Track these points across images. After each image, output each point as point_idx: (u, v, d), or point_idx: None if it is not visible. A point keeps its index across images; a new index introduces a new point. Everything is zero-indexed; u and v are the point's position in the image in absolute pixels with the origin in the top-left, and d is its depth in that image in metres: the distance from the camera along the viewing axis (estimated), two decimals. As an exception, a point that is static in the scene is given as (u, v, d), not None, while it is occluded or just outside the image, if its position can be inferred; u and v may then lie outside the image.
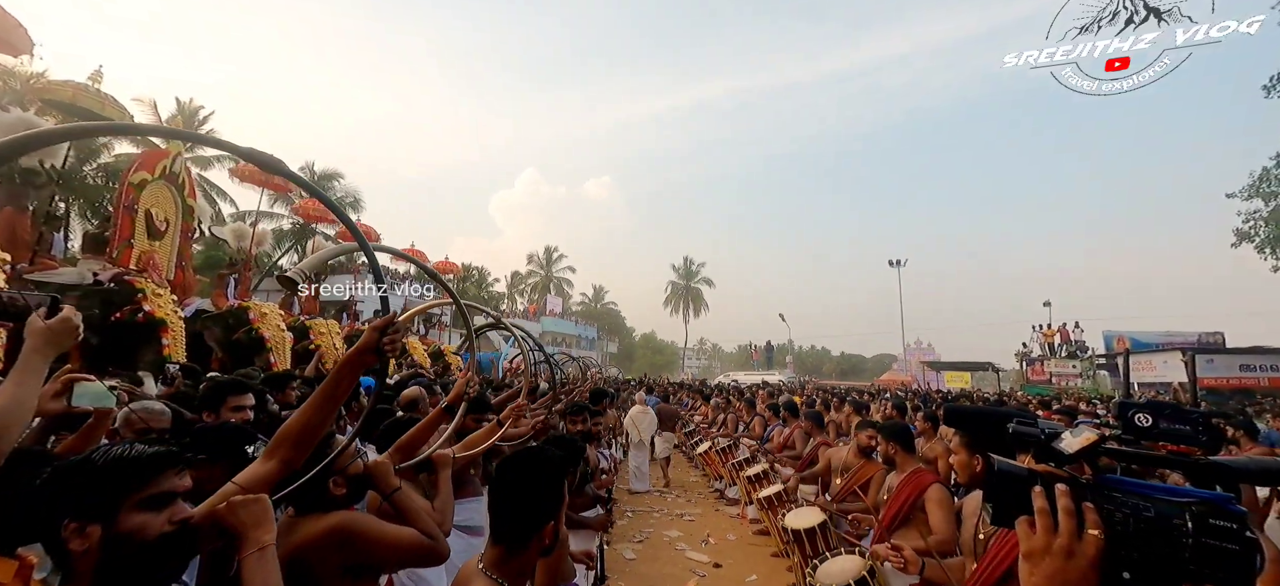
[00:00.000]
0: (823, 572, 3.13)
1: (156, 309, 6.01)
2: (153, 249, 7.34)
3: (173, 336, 6.09)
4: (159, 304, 6.09)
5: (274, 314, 7.73)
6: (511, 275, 52.57)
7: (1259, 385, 16.84)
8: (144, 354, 5.85)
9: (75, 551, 0.97)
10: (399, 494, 1.84)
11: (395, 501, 1.82)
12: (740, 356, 70.26)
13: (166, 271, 7.58)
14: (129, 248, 6.93)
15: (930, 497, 2.95)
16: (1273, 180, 14.76)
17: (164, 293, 6.38)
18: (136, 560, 1.02)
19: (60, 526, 0.97)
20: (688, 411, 12.80)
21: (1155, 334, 24.04)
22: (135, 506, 1.02)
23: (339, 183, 26.47)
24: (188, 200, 8.04)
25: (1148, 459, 0.79)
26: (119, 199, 6.98)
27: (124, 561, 1.01)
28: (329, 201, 1.78)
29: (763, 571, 5.25)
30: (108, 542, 0.99)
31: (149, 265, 7.04)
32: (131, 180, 7.06)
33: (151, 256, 7.25)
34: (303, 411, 1.37)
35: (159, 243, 7.50)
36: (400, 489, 1.86)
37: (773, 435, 6.88)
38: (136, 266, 6.76)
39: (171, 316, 6.20)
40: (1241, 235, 15.58)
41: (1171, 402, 0.89)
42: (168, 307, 6.21)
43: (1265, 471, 0.75)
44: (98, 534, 0.99)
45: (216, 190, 21.50)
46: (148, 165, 7.36)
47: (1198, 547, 0.69)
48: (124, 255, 6.81)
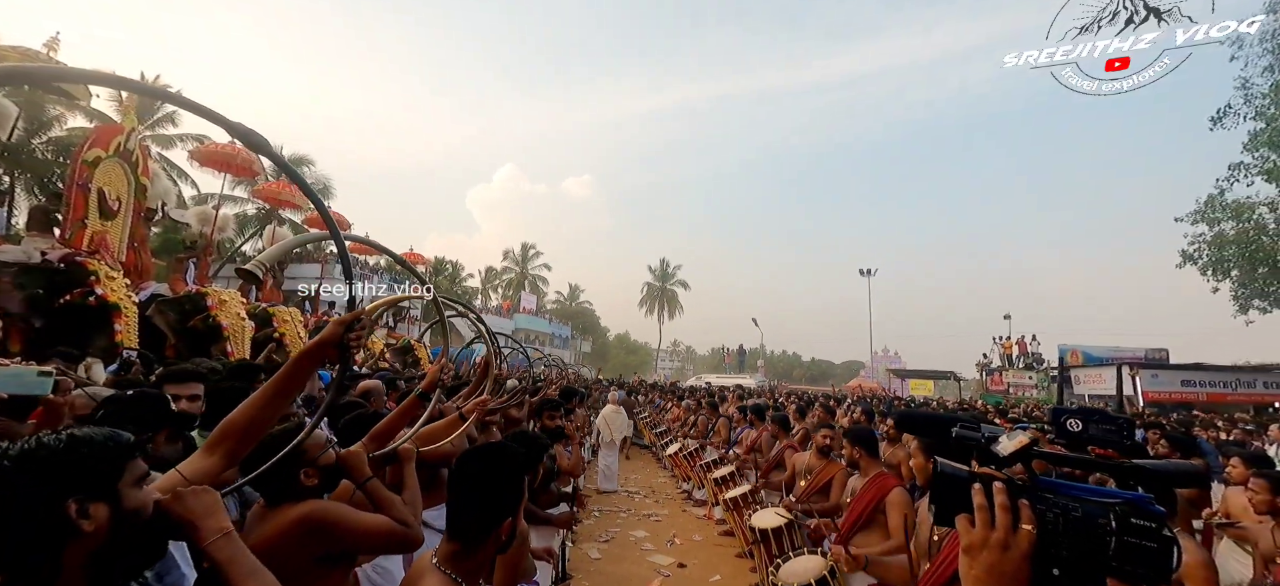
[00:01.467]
0: (785, 572, 3.19)
1: (109, 292, 5.76)
2: (105, 229, 7.01)
3: (126, 322, 5.83)
4: (112, 287, 5.83)
5: (235, 301, 7.46)
6: (486, 270, 51.91)
7: (1198, 399, 17.82)
8: (95, 339, 5.58)
9: (78, 538, 0.88)
10: (372, 483, 1.83)
11: (368, 490, 1.80)
12: (713, 359, 70.79)
13: (118, 253, 7.25)
14: (82, 228, 6.61)
15: (891, 501, 3.04)
16: (1216, 207, 15.60)
17: (117, 275, 6.10)
18: (137, 542, 0.97)
19: (53, 513, 0.86)
20: (658, 412, 12.85)
21: (1105, 349, 25.17)
22: (132, 483, 0.97)
23: (309, 169, 25.68)
24: (141, 179, 7.70)
25: (1076, 462, 0.84)
26: (72, 176, 6.65)
27: (127, 543, 0.95)
28: (306, 185, 1.74)
29: (727, 572, 5.31)
30: (115, 520, 0.92)
31: (101, 246, 6.72)
32: (85, 157, 6.73)
33: (104, 237, 6.92)
34: (251, 403, 1.29)
35: (111, 223, 7.16)
36: (373, 478, 1.85)
37: (741, 438, 6.97)
38: (88, 248, 6.45)
39: (125, 301, 5.94)
40: (1186, 257, 16.42)
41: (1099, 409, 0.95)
42: (121, 292, 5.94)
43: (1181, 473, 0.81)
44: (105, 513, 0.91)
45: (177, 171, 20.63)
46: (101, 141, 7.03)
47: (1120, 545, 0.74)
48: (77, 236, 6.49)
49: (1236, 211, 15.29)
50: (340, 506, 1.71)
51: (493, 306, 42.50)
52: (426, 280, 3.64)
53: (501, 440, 1.53)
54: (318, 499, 1.69)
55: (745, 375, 40.24)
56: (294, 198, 16.96)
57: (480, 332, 3.36)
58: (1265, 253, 14.68)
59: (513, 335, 34.42)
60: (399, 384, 4.61)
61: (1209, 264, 15.85)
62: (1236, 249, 15.13)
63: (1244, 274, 15.40)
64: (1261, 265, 14.92)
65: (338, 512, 1.66)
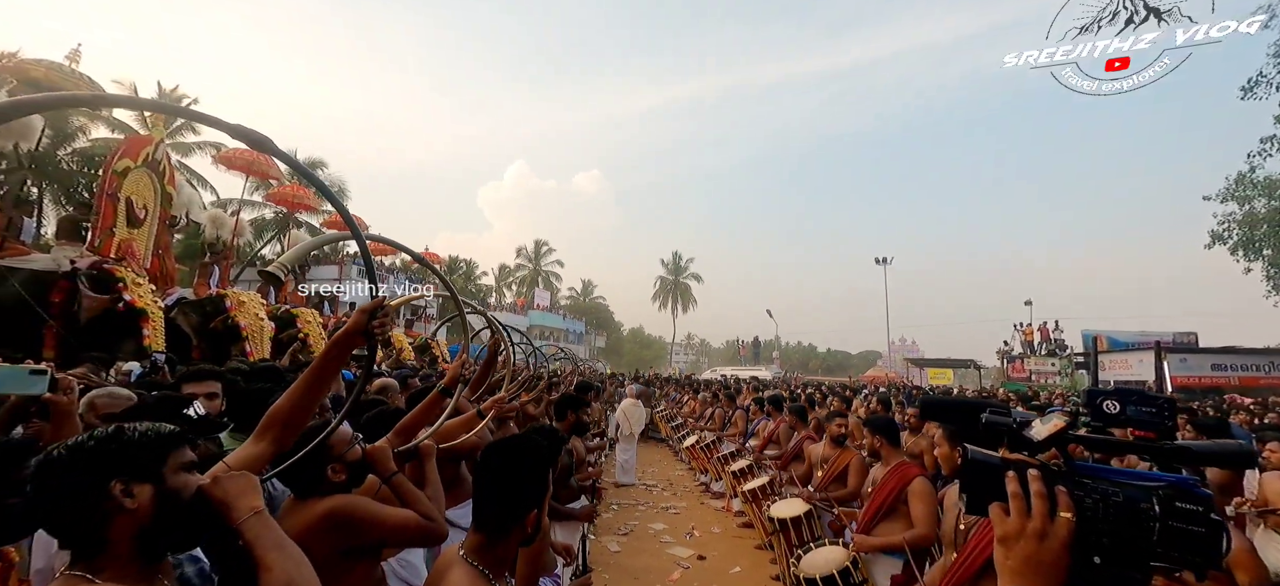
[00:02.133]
0: (806, 563, 3.18)
1: (137, 298, 5.91)
2: (132, 237, 7.19)
3: (153, 326, 5.98)
4: (139, 293, 5.98)
5: (253, 302, 7.61)
6: (499, 268, 52.30)
7: (1229, 384, 17.29)
8: (124, 344, 5.74)
9: (122, 515, 1.00)
10: (398, 478, 1.86)
11: (394, 485, 1.84)
12: (728, 352, 70.62)
13: (144, 260, 7.43)
14: (111, 236, 6.79)
15: (913, 491, 3.01)
16: (1246, 184, 15.10)
17: (144, 282, 6.26)
18: (180, 520, 1.07)
19: (100, 492, 0.99)
20: (674, 405, 12.86)
21: (1131, 333, 24.57)
22: (177, 468, 1.09)
23: (323, 171, 26.05)
24: (167, 187, 7.88)
25: (1113, 445, 0.81)
26: (102, 186, 6.85)
27: (170, 520, 1.05)
28: (320, 184, 1.74)
29: (747, 563, 5.30)
30: (159, 499, 1.04)
31: (127, 253, 6.90)
32: (115, 167, 6.92)
33: (130, 245, 7.10)
34: (292, 392, 1.38)
35: (138, 231, 7.35)
36: (399, 473, 1.88)
37: (758, 429, 6.94)
38: (115, 255, 6.62)
39: (152, 306, 6.09)
40: (1216, 237, 15.94)
41: (1137, 389, 0.91)
42: (148, 297, 6.09)
43: (1226, 454, 0.77)
44: (149, 492, 1.03)
45: (197, 177, 21.05)
46: (131, 152, 7.21)
47: (1165, 530, 0.71)
48: (105, 244, 6.67)
49: (1269, 188, 14.79)
50: (366, 501, 1.74)
51: (507, 303, 42.85)
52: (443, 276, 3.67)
53: (526, 433, 1.54)
54: (345, 494, 1.72)
55: (760, 367, 40.07)
56: (310, 200, 17.22)
57: (493, 330, 3.38)
58: (1300, 230, 14.22)
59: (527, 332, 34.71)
60: (411, 382, 4.67)
61: (1240, 243, 15.37)
62: (1269, 227, 14.64)
63: (1277, 252, 14.89)
64: (1296, 243, 14.45)
65: (364, 507, 1.70)
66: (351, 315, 1.44)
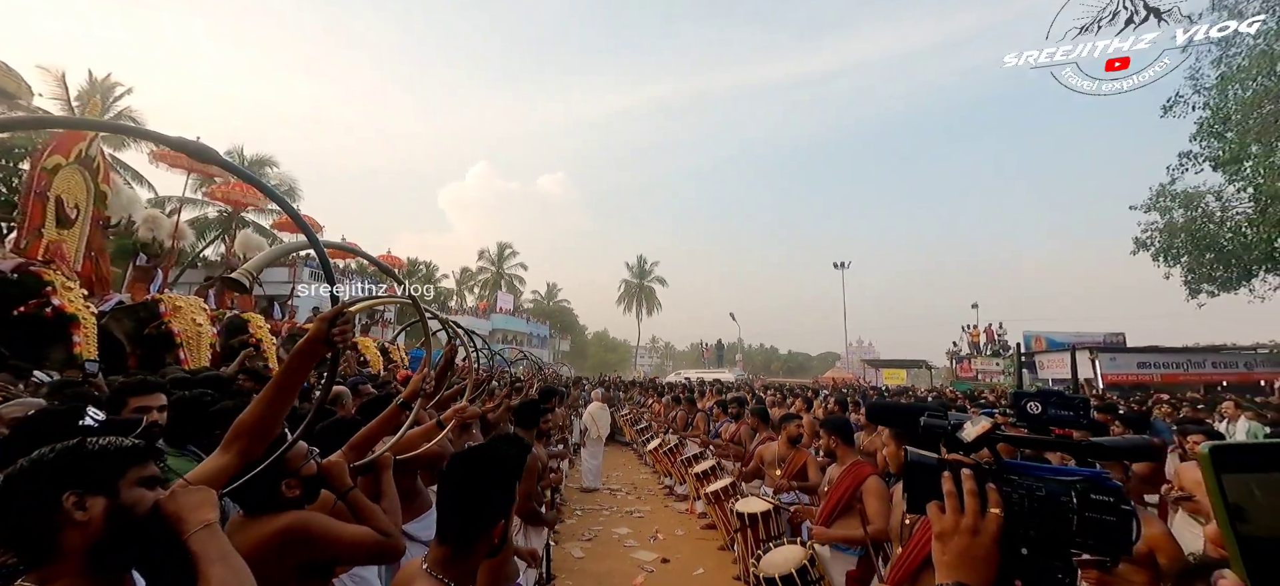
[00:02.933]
0: (766, 562, 3.25)
1: (67, 303, 5.49)
2: (61, 238, 6.70)
3: (85, 333, 5.58)
4: (69, 298, 5.57)
5: (192, 307, 7.19)
6: (461, 271, 51.18)
7: (1153, 381, 18.64)
8: (52, 352, 5.33)
9: (74, 527, 1.00)
10: (354, 493, 1.82)
11: (350, 500, 1.81)
12: (692, 354, 71.23)
13: (74, 262, 6.94)
14: (38, 237, 6.32)
15: (867, 488, 3.12)
16: (1166, 196, 16.29)
17: (74, 285, 5.83)
18: (132, 536, 1.06)
19: (53, 504, 1.00)
20: (639, 408, 12.89)
21: (1067, 334, 26.17)
22: (134, 482, 1.09)
23: (273, 169, 24.90)
24: (101, 186, 7.38)
25: (1037, 443, 0.88)
26: (31, 184, 6.35)
27: (122, 535, 1.05)
28: (274, 193, 1.70)
29: (710, 564, 5.37)
30: (111, 515, 1.04)
31: (56, 256, 6.42)
32: (45, 165, 6.43)
33: (59, 247, 6.62)
34: (258, 402, 1.37)
35: (68, 232, 6.86)
36: (354, 488, 1.84)
37: (720, 431, 7.05)
38: (43, 257, 6.16)
39: (83, 311, 5.67)
40: (1140, 243, 17.11)
41: (1057, 391, 0.99)
42: (78, 302, 5.68)
43: (1133, 447, 0.85)
44: (101, 506, 1.03)
45: (134, 174, 19.79)
46: (62, 148, 6.71)
47: (1082, 520, 0.77)
48: (33, 246, 6.20)
49: (1186, 200, 15.99)
50: (322, 517, 1.70)
51: (469, 307, 41.95)
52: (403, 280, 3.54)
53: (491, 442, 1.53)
54: (299, 510, 1.67)
55: (724, 370, 40.59)
56: (256, 198, 16.43)
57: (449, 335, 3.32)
58: (1212, 239, 15.39)
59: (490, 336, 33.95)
60: (362, 388, 4.51)
61: (1161, 250, 16.54)
62: (1186, 236, 15.83)
63: (1193, 259, 16.10)
64: (1208, 251, 15.63)
65: (320, 523, 1.65)
66: (315, 321, 1.41)
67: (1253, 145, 13.22)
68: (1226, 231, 15.20)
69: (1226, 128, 13.96)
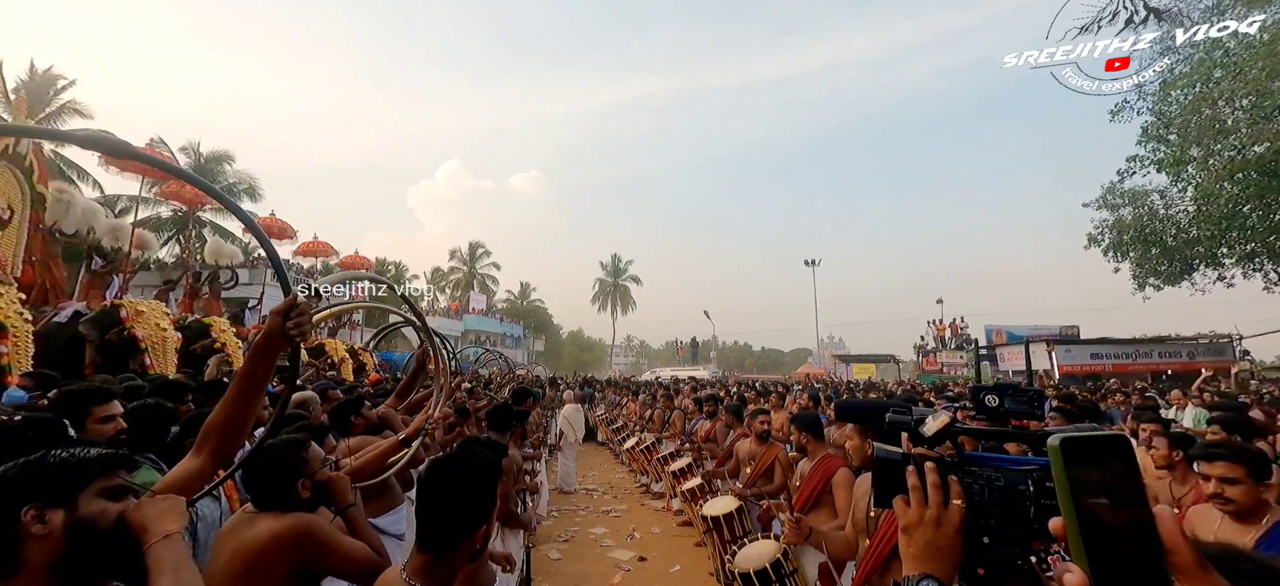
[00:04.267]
0: (741, 558, 3.29)
1: (-4, 311, 5.16)
2: (-7, 242, 6.32)
3: (14, 342, 5.25)
4: (1, 304, 5.24)
5: (155, 311, 6.89)
6: (433, 271, 50.19)
7: (1105, 371, 19.59)
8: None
9: (34, 540, 0.99)
10: (352, 509, 1.87)
11: (348, 516, 1.85)
12: (667, 353, 71.48)
13: (13, 267, 6.55)
14: None
15: (837, 482, 3.18)
16: (1115, 194, 17.12)
17: (8, 290, 5.49)
18: (97, 548, 1.04)
19: (12, 519, 0.98)
20: (614, 408, 12.87)
21: (1026, 327, 27.25)
22: (96, 494, 1.07)
23: (230, 166, 23.95)
24: (37, 186, 6.98)
25: (996, 434, 0.92)
26: None
27: (85, 548, 1.03)
28: (215, 191, 1.66)
29: (686, 561, 5.41)
30: (70, 528, 1.02)
31: (-11, 260, 6.05)
32: None
33: (-8, 250, 6.24)
34: (224, 403, 1.38)
35: (2, 233, 6.46)
36: (354, 504, 1.89)
37: (696, 429, 7.10)
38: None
39: (15, 320, 5.34)
40: (1091, 239, 17.94)
41: (1013, 384, 1.04)
42: (10, 309, 5.34)
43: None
44: (60, 519, 1.01)
45: (80, 172, 18.77)
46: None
47: (1038, 508, 0.80)
48: None
49: (1133, 198, 16.84)
50: (327, 525, 1.72)
51: (441, 308, 41.19)
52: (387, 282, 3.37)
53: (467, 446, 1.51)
54: (307, 512, 1.70)
55: (699, 367, 40.88)
56: (209, 198, 15.77)
57: (423, 337, 3.26)
58: (1157, 236, 16.25)
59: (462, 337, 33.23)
60: (331, 394, 4.39)
61: (1110, 246, 17.37)
62: (1133, 233, 16.66)
63: (1140, 255, 16.96)
64: (1154, 247, 16.50)
65: (324, 530, 1.67)
66: (268, 317, 1.40)
67: (1192, 148, 14.00)
68: (1170, 229, 16.06)
69: (1169, 131, 14.75)
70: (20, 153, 6.72)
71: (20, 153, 6.72)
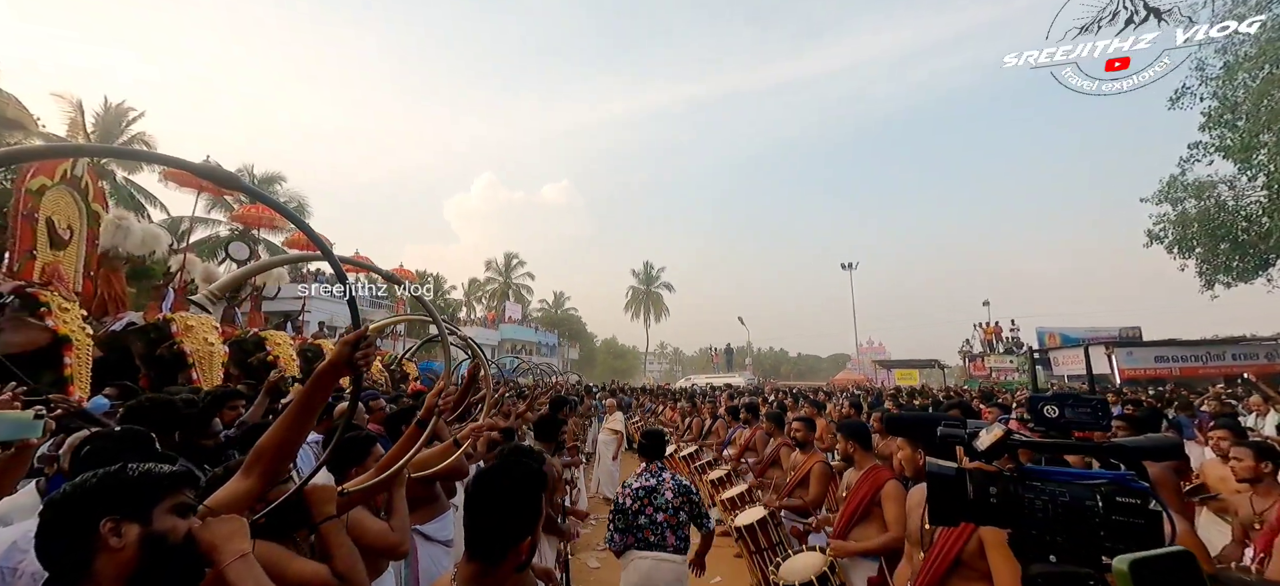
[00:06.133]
0: (786, 569, 3.23)
1: (61, 325, 5.52)
2: (57, 259, 6.83)
3: (76, 354, 5.61)
4: (64, 319, 5.61)
5: (204, 326, 7.26)
6: (469, 282, 51.46)
7: (1171, 375, 18.35)
8: (43, 373, 5.35)
9: (108, 552, 1.01)
10: (328, 524, 1.71)
11: (322, 531, 1.71)
12: (701, 359, 70.94)
13: (74, 283, 7.07)
14: (31, 259, 6.44)
15: (886, 494, 3.07)
16: (1177, 187, 16.08)
17: (71, 306, 5.90)
18: (166, 564, 1.06)
19: (91, 529, 1.01)
20: (650, 416, 12.85)
21: (1081, 330, 25.83)
22: (168, 510, 1.10)
23: (282, 186, 25.28)
24: (93, 206, 7.51)
25: (1056, 447, 0.87)
26: (16, 206, 6.46)
27: (155, 564, 1.05)
28: (289, 212, 1.73)
29: (727, 573, 5.33)
30: (144, 542, 1.04)
31: (54, 277, 6.53)
32: (29, 186, 6.55)
33: (56, 267, 6.74)
34: (279, 425, 1.38)
35: (63, 252, 6.99)
36: (332, 519, 1.74)
37: (734, 437, 7.01)
38: (41, 279, 6.26)
39: (78, 333, 5.72)
40: (1152, 236, 16.88)
41: (1073, 392, 0.99)
42: (74, 323, 5.72)
43: (1157, 448, 0.84)
44: (135, 533, 1.04)
45: (145, 194, 20.10)
46: (46, 169, 6.82)
47: (1109, 524, 0.76)
48: (26, 267, 6.31)
49: (1197, 190, 15.79)
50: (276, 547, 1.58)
51: (478, 318, 42.12)
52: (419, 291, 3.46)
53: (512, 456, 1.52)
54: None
55: (733, 374, 40.40)
56: (272, 218, 16.66)
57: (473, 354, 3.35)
58: (1226, 229, 15.17)
59: (499, 346, 33.79)
60: (374, 405, 4.50)
61: (1174, 242, 16.31)
62: (1199, 227, 15.61)
63: (1207, 250, 15.87)
64: (1223, 241, 15.41)
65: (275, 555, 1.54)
66: (337, 345, 1.43)
67: (1264, 133, 13.04)
68: (1241, 221, 14.98)
69: (1236, 116, 13.79)
70: (77, 175, 7.25)
71: (77, 175, 7.25)
